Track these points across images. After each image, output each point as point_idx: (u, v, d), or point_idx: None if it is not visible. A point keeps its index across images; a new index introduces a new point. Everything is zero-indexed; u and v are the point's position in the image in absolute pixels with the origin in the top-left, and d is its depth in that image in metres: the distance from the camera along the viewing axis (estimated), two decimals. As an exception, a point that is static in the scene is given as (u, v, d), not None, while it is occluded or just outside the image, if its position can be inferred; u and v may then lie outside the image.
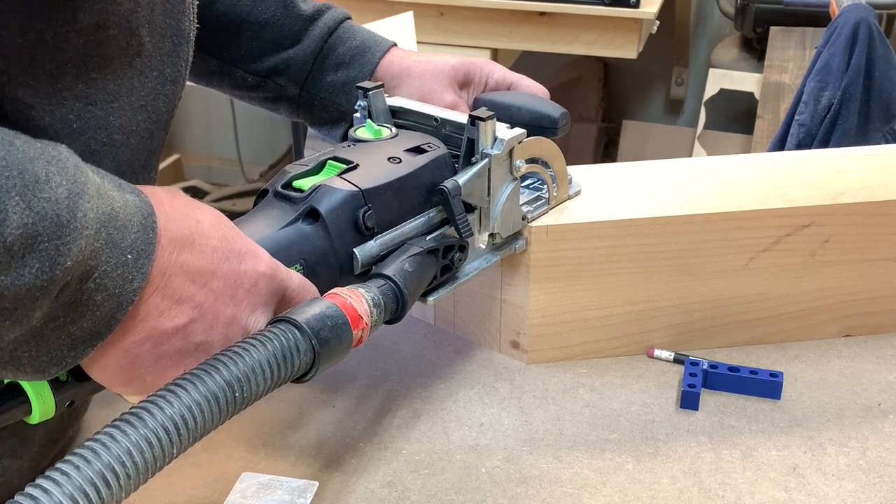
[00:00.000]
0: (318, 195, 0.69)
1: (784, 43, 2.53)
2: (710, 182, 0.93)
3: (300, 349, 0.57)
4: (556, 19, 2.42)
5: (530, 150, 0.83)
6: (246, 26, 0.91)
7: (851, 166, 0.96)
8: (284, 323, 0.58)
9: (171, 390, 0.52)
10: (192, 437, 0.52)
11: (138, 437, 0.49)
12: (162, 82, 0.68)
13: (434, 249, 0.74)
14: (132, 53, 0.64)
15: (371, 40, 0.93)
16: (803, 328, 0.93)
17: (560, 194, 0.88)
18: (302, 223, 0.68)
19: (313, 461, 0.76)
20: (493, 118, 0.78)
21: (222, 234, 0.59)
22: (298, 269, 0.67)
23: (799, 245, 0.89)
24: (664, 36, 2.84)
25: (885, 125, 1.95)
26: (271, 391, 0.57)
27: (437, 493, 0.73)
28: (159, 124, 0.69)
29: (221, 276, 0.57)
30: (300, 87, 0.93)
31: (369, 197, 0.71)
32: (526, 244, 0.85)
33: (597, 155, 3.26)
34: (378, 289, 0.66)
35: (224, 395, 0.53)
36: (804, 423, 0.82)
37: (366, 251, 0.70)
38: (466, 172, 0.78)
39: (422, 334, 0.94)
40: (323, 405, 0.83)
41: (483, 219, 0.81)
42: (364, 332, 0.63)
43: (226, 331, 0.58)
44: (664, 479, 0.75)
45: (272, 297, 0.61)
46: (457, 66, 0.92)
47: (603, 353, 0.90)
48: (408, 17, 1.60)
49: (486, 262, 0.83)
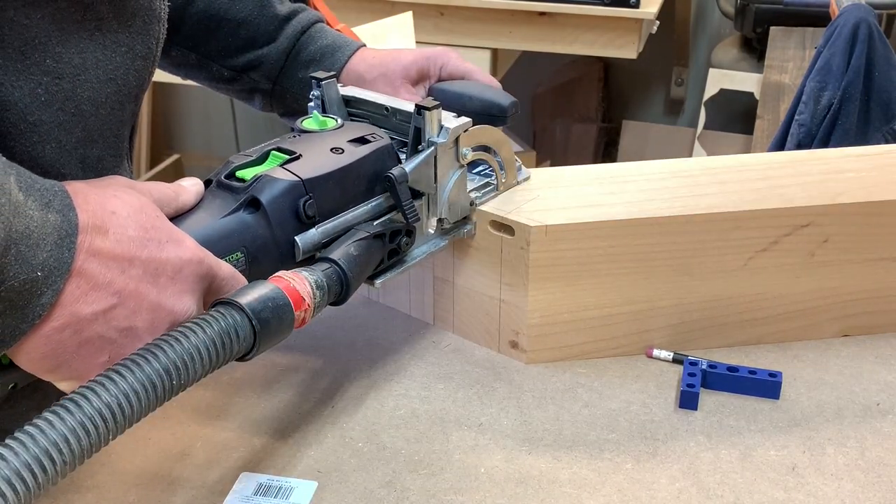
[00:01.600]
0: (259, 185, 0.71)
1: (784, 43, 2.53)
2: (709, 182, 0.93)
3: (239, 331, 0.60)
4: (556, 19, 2.42)
5: (476, 139, 0.85)
6: (224, 24, 0.97)
7: (850, 166, 0.96)
8: (225, 305, 0.61)
9: (110, 376, 0.54)
10: (135, 417, 0.54)
11: (74, 423, 0.51)
12: (132, 57, 0.73)
13: (381, 234, 0.77)
14: (91, 28, 0.68)
15: (341, 41, 1.00)
16: (802, 328, 0.93)
17: (508, 180, 0.91)
18: (243, 212, 0.70)
19: (312, 461, 0.76)
20: (439, 107, 0.81)
21: (141, 223, 0.61)
22: (239, 258, 0.69)
23: (798, 245, 0.89)
24: (664, 36, 2.84)
25: (885, 125, 1.95)
26: (213, 371, 0.59)
27: (437, 492, 0.73)
28: (129, 97, 0.74)
29: (140, 263, 0.60)
30: (273, 83, 0.99)
31: (310, 186, 0.73)
32: (475, 229, 0.88)
33: (597, 155, 3.26)
34: (322, 272, 0.69)
35: (161, 380, 0.55)
36: (803, 423, 0.82)
37: (307, 239, 0.73)
38: (413, 160, 0.81)
39: (421, 335, 0.94)
40: (321, 405, 0.83)
41: (431, 204, 0.84)
42: (307, 312, 0.66)
43: (151, 316, 0.60)
44: (663, 479, 0.75)
45: (198, 283, 0.63)
46: (409, 64, 0.96)
47: (602, 353, 0.90)
48: (407, 17, 1.61)
49: (435, 247, 0.86)
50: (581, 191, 0.91)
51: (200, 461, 0.76)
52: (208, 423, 0.81)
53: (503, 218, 0.85)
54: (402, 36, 1.70)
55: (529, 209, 0.87)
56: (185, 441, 0.78)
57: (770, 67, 2.50)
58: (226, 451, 0.77)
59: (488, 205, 0.87)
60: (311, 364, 0.89)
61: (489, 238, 0.87)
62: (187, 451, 0.77)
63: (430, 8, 2.42)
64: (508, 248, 0.86)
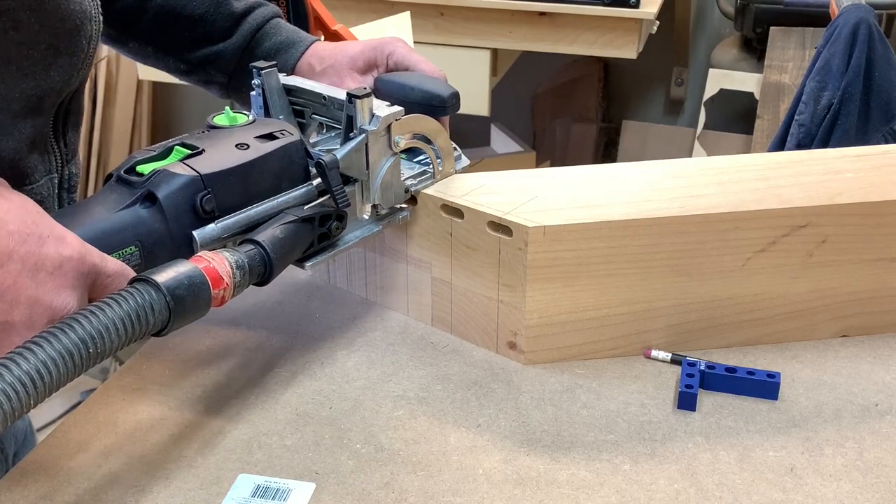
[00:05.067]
0: (156, 179, 0.72)
1: (784, 43, 2.52)
2: (708, 182, 0.92)
3: (154, 307, 0.63)
4: (556, 19, 2.41)
5: (410, 127, 0.87)
6: (181, 20, 1.00)
7: (848, 167, 0.96)
8: (142, 283, 0.63)
9: (29, 347, 0.56)
10: (48, 390, 0.57)
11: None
12: (54, 55, 0.76)
13: (310, 218, 0.79)
14: (6, 27, 0.71)
15: (296, 37, 1.02)
16: (800, 328, 0.93)
17: (445, 169, 0.93)
18: (139, 207, 0.72)
19: (310, 462, 0.76)
20: (370, 96, 0.84)
21: (22, 219, 0.62)
22: (133, 251, 0.70)
23: (796, 245, 0.89)
24: (664, 36, 2.83)
25: (885, 125, 1.94)
26: (129, 344, 0.63)
27: (435, 494, 0.73)
28: (51, 92, 0.77)
29: (18, 259, 0.61)
30: (229, 77, 1.03)
31: (209, 181, 0.74)
32: (410, 215, 0.90)
33: (597, 155, 3.26)
34: (245, 253, 0.72)
35: (79, 350, 0.58)
36: (801, 424, 0.82)
37: (205, 234, 0.74)
38: (344, 147, 0.83)
39: (419, 336, 0.94)
40: (319, 406, 0.83)
41: (364, 191, 0.86)
42: (226, 291, 0.69)
43: (28, 311, 0.61)
44: (661, 480, 0.75)
45: (80, 279, 0.64)
46: (356, 55, 0.98)
47: (600, 353, 0.90)
48: (405, 17, 1.61)
49: (369, 232, 0.88)
50: (580, 191, 0.91)
51: (198, 463, 0.76)
52: (207, 426, 0.81)
53: (501, 218, 0.85)
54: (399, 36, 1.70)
55: (528, 210, 0.86)
56: (183, 443, 0.78)
57: (770, 67, 2.50)
58: (223, 452, 0.77)
59: (485, 205, 0.87)
60: (307, 365, 0.89)
61: (487, 239, 0.87)
62: (185, 453, 0.77)
63: (429, 8, 2.42)
64: (506, 248, 0.86)
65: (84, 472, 0.75)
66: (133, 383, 0.86)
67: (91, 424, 0.80)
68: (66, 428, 0.80)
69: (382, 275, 0.97)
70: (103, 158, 3.20)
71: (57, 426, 0.81)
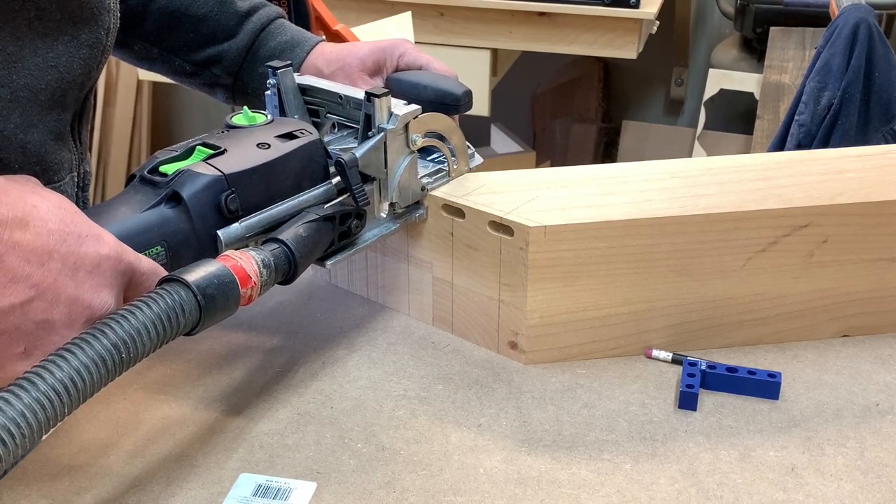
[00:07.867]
0: (180, 179, 0.72)
1: (784, 43, 2.53)
2: (708, 182, 0.93)
3: (185, 307, 0.62)
4: (556, 19, 2.42)
5: (426, 125, 0.88)
6: (185, 20, 1.00)
7: (849, 166, 0.96)
8: (172, 283, 0.63)
9: (61, 354, 0.56)
10: (82, 396, 0.56)
11: (31, 400, 0.53)
12: (76, 46, 0.77)
13: (331, 217, 0.79)
14: (31, 17, 0.71)
15: (301, 37, 1.02)
16: (801, 328, 0.93)
17: (460, 167, 0.93)
18: (164, 207, 0.71)
19: (311, 462, 0.76)
20: (388, 95, 0.84)
21: (61, 218, 0.61)
22: (160, 251, 0.70)
23: (797, 245, 0.89)
24: (664, 36, 2.84)
25: (885, 125, 1.94)
26: (162, 346, 0.62)
27: (436, 493, 0.73)
28: (73, 84, 0.78)
29: (59, 257, 0.60)
30: (234, 77, 1.02)
31: (232, 181, 0.74)
32: (427, 213, 0.90)
33: (597, 155, 3.26)
34: (270, 252, 0.72)
35: (112, 356, 0.57)
36: (802, 424, 0.82)
37: (230, 233, 0.74)
38: (363, 146, 0.83)
39: (420, 335, 0.94)
40: (320, 406, 0.83)
41: (382, 189, 0.87)
42: (253, 290, 0.69)
43: (68, 310, 0.61)
44: (662, 480, 0.75)
45: (118, 278, 0.64)
46: (364, 56, 0.98)
47: (601, 353, 0.90)
48: (406, 17, 1.61)
49: (387, 230, 0.88)
50: (580, 191, 0.91)
51: (199, 462, 0.76)
52: (207, 426, 0.81)
53: (502, 218, 0.85)
54: (400, 36, 1.70)
55: (528, 210, 0.86)
56: (184, 443, 0.78)
57: (770, 67, 2.50)
58: (224, 452, 0.77)
59: (486, 205, 0.87)
60: (309, 365, 0.89)
61: (488, 238, 0.87)
62: (186, 453, 0.77)
63: (429, 8, 2.42)
64: (507, 248, 0.86)
65: (84, 472, 0.75)
66: (133, 383, 0.86)
67: (92, 424, 0.80)
68: (66, 427, 0.80)
69: (384, 275, 0.97)
70: (103, 158, 3.20)
71: (58, 426, 0.81)
